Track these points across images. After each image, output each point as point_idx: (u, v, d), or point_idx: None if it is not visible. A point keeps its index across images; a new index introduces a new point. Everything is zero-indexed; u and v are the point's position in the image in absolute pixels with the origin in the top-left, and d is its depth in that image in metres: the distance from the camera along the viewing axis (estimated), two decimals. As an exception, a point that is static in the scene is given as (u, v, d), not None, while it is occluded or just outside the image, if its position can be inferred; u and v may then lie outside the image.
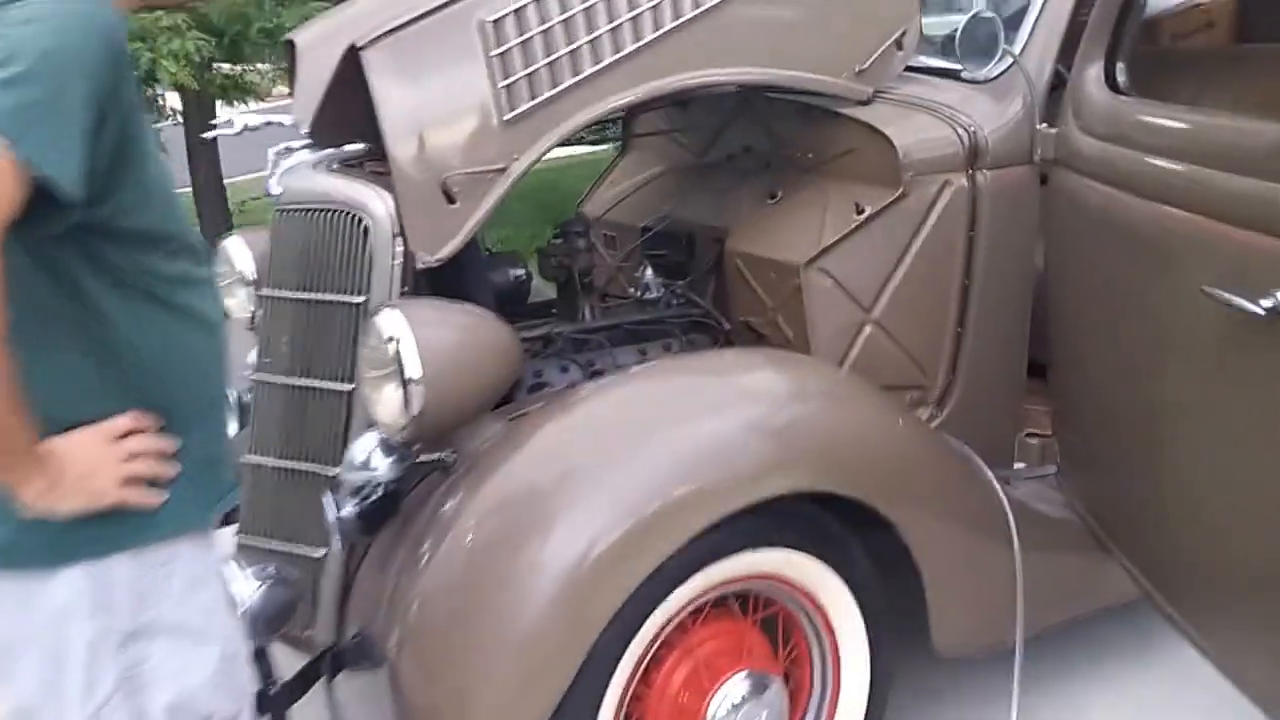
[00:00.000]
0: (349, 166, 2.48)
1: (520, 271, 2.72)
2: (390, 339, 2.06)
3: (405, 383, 2.04)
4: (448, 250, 2.30)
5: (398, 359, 2.05)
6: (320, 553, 2.38)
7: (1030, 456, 2.67)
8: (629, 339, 2.78)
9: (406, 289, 2.31)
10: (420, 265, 2.29)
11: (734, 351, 2.36)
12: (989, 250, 2.54)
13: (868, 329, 2.57)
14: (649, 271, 2.88)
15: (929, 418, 2.62)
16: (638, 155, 3.36)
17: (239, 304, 2.81)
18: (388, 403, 2.08)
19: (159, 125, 7.29)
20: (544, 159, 2.38)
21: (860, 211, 2.53)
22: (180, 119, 7.86)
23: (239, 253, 2.82)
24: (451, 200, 2.30)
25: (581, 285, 2.81)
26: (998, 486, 2.38)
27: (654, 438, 2.01)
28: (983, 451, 2.55)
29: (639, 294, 2.87)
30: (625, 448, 2.01)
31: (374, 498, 2.17)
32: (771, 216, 2.74)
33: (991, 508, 2.34)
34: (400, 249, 2.30)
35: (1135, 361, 2.23)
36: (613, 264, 3.19)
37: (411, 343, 2.05)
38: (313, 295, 2.41)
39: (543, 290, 3.11)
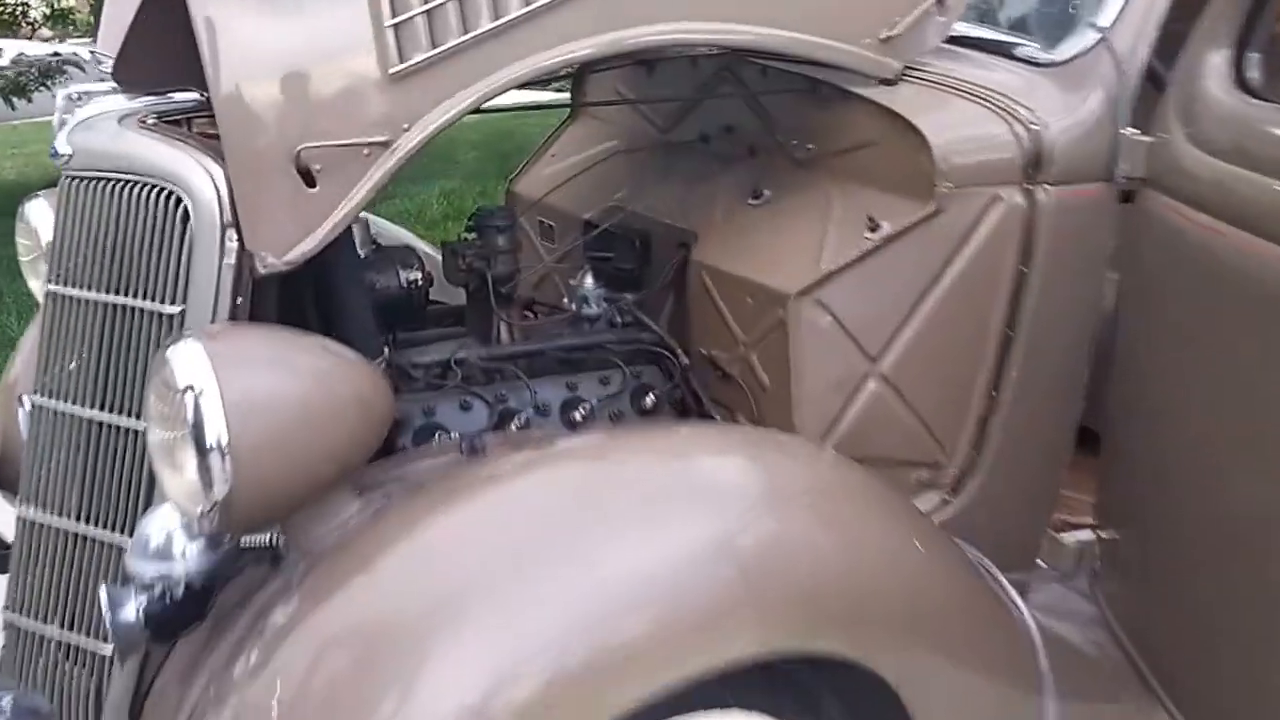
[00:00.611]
0: (169, 123, 1.79)
1: (414, 275, 2.04)
2: (186, 388, 1.38)
3: (205, 452, 1.37)
4: (301, 251, 1.63)
5: (195, 418, 1.37)
6: (109, 649, 1.74)
7: (1061, 559, 2.04)
8: (557, 367, 2.12)
9: (240, 301, 1.64)
10: (262, 271, 1.62)
11: (695, 429, 1.70)
12: (1044, 291, 1.90)
13: (871, 385, 1.93)
14: (589, 280, 2.21)
15: (938, 504, 1.98)
16: (588, 124, 2.68)
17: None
18: (182, 479, 1.41)
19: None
20: (500, 103, 1.76)
21: (874, 229, 1.88)
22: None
23: (44, 220, 2.12)
24: (310, 182, 1.64)
25: (498, 296, 2.13)
26: (1031, 623, 1.75)
27: (573, 558, 1.36)
28: (1000, 549, 1.93)
29: (575, 307, 2.20)
30: (531, 570, 1.36)
31: (172, 596, 1.51)
32: (754, 223, 2.08)
33: (1020, 654, 1.72)
34: (234, 245, 1.62)
35: (1231, 451, 1.67)
36: (548, 262, 2.52)
37: (216, 395, 1.38)
38: (111, 298, 1.73)
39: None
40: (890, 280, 1.90)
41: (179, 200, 1.66)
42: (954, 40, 2.04)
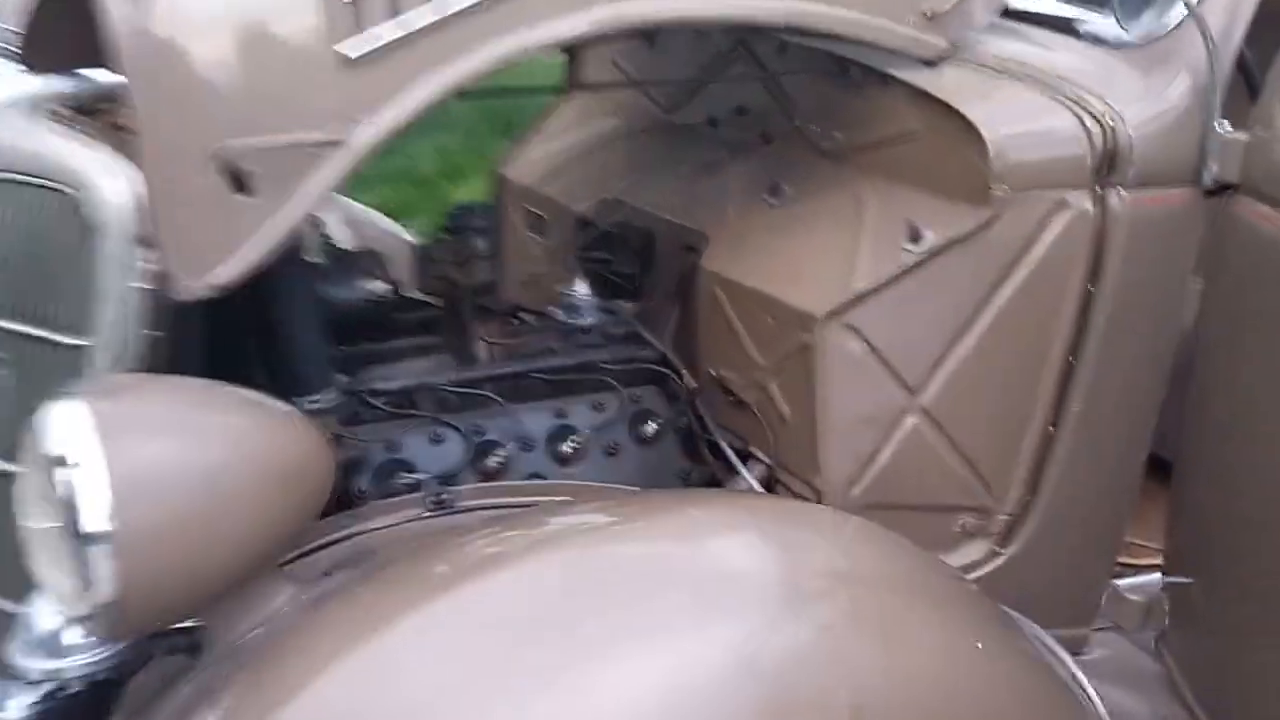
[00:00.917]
0: (79, 113, 1.51)
1: (380, 287, 1.75)
2: (61, 462, 1.10)
3: (83, 544, 1.10)
4: (228, 273, 1.35)
5: (72, 500, 1.10)
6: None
7: (1124, 613, 1.77)
8: (543, 391, 1.84)
9: (155, 333, 1.36)
10: (179, 297, 1.34)
11: (705, 505, 1.41)
12: (1115, 314, 1.62)
13: (910, 420, 1.65)
14: (581, 286, 1.92)
15: (986, 555, 1.71)
16: (583, 100, 2.38)
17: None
18: (59, 575, 1.14)
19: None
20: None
21: (916, 239, 1.60)
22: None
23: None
24: (241, 187, 1.35)
25: (478, 308, 1.85)
26: (1099, 707, 1.49)
27: (557, 679, 1.08)
28: (1056, 604, 1.67)
29: (564, 317, 1.92)
30: (503, 694, 1.08)
31: (63, 694, 1.25)
32: (772, 226, 1.80)
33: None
34: (146, 265, 1.35)
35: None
36: (537, 261, 2.23)
37: (99, 472, 1.10)
38: (10, 324, 1.44)
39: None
40: (933, 301, 1.61)
41: (79, 207, 1.38)
42: (1010, 15, 1.74)
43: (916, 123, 1.69)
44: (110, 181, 1.38)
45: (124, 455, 1.10)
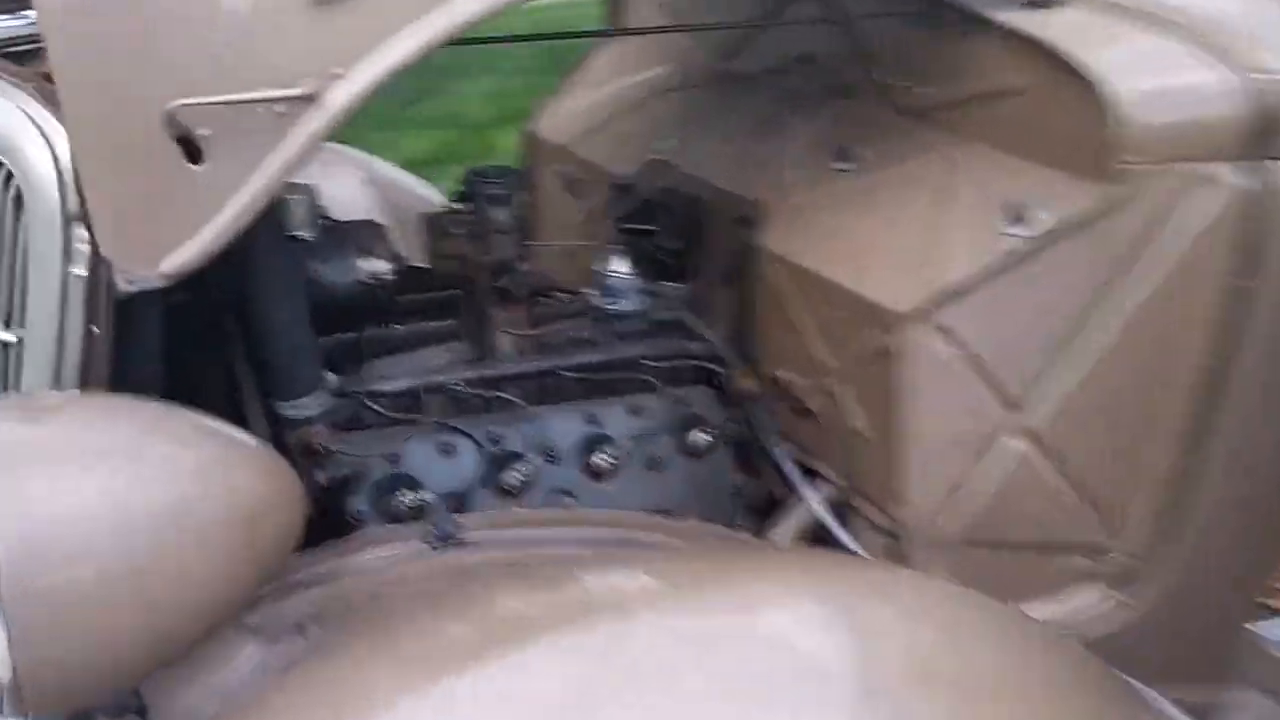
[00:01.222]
0: (5, 59, 1.27)
1: (381, 266, 1.49)
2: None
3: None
4: (182, 260, 1.11)
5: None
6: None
7: (1271, 674, 1.49)
8: (573, 390, 1.58)
9: (95, 329, 1.12)
10: (124, 287, 1.10)
11: (769, 566, 1.12)
12: (1276, 314, 1.32)
13: (1012, 442, 1.38)
14: (619, 263, 1.65)
15: (1102, 601, 1.44)
16: (627, 49, 2.09)
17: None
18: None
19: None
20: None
21: (1020, 220, 1.31)
22: None
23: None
24: (195, 156, 1.10)
25: (497, 291, 1.58)
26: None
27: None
28: (1187, 659, 1.39)
29: (600, 301, 1.65)
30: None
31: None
32: (842, 198, 1.52)
33: None
34: (84, 247, 1.10)
35: None
36: (572, 232, 1.96)
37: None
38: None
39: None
40: (1041, 298, 1.33)
41: (9, 178, 1.13)
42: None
43: (1021, 76, 1.39)
44: (38, 148, 1.13)
45: (31, 499, 0.86)
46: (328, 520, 1.43)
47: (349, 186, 2.45)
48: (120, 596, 0.94)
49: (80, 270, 1.12)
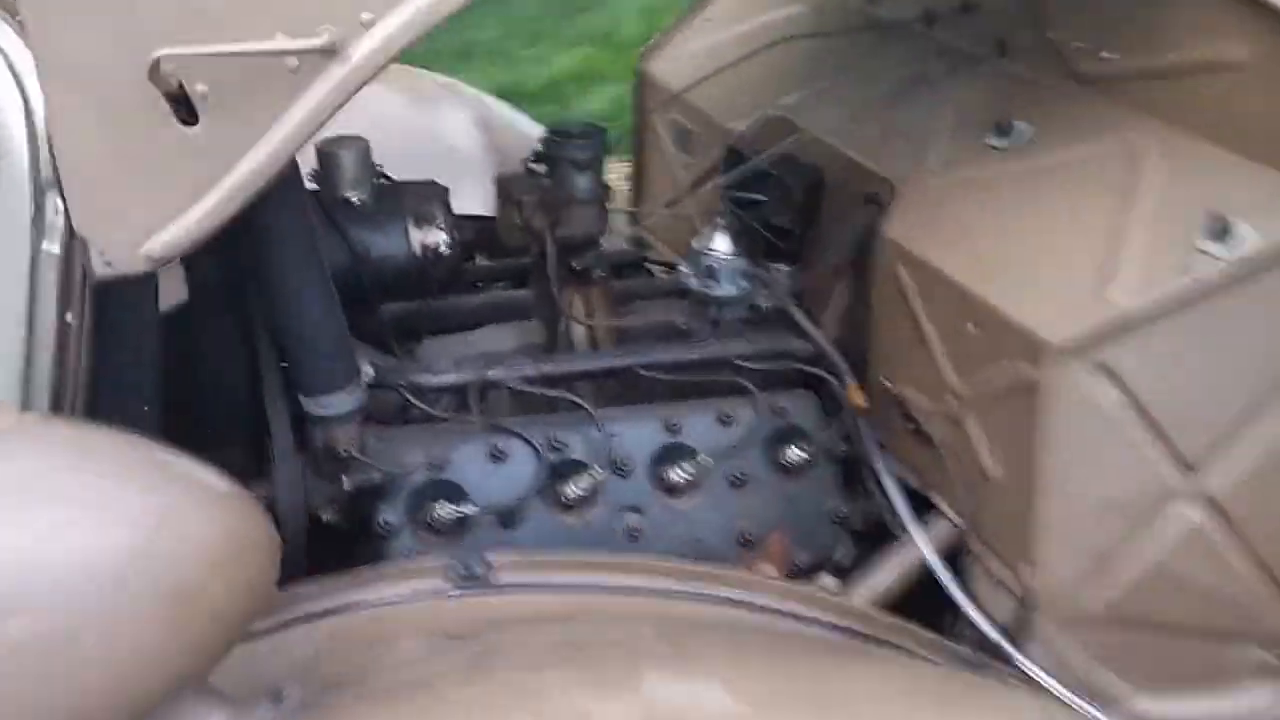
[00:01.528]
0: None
1: (439, 237, 1.28)
2: None
3: None
4: (173, 240, 0.92)
5: None
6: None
7: None
8: (653, 391, 1.35)
9: (70, 319, 0.94)
10: (102, 272, 0.91)
11: (872, 683, 0.87)
12: None
13: (1185, 510, 1.10)
14: (719, 240, 1.41)
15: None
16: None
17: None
18: None
19: None
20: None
21: (1223, 235, 1.02)
22: None
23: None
24: (190, 117, 0.90)
25: (573, 274, 1.36)
26: None
27: None
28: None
29: (693, 283, 1.41)
30: None
31: None
32: (994, 183, 1.25)
33: None
34: (59, 219, 0.92)
35: None
36: (680, 190, 1.72)
37: None
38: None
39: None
40: (1240, 338, 1.04)
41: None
42: None
43: (1242, 46, 1.10)
44: (9, 91, 0.94)
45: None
46: (355, 531, 1.25)
47: (458, 128, 2.25)
48: (56, 658, 0.76)
49: (54, 247, 0.93)
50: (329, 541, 1.27)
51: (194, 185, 0.92)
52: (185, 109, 0.91)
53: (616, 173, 2.18)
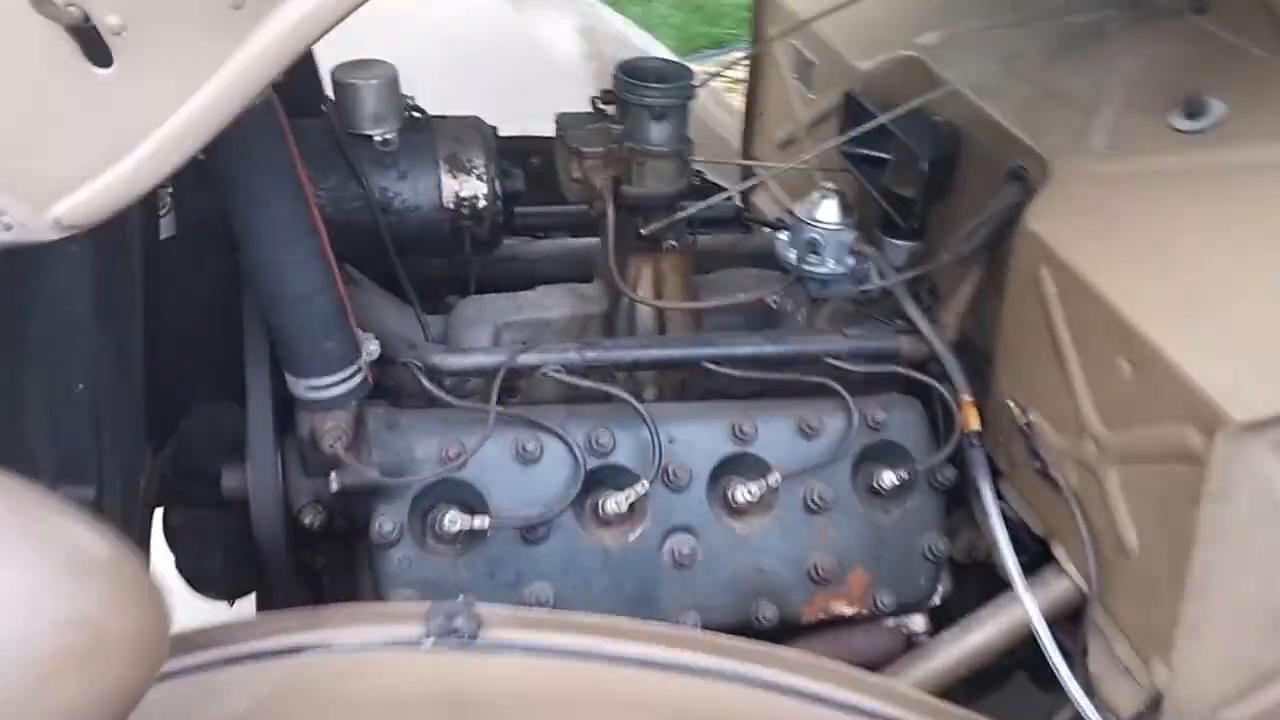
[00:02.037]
0: None
1: (475, 188, 1.07)
2: None
3: None
4: (85, 205, 0.73)
5: None
6: None
7: None
8: (722, 388, 1.14)
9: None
10: (1, 236, 0.73)
11: None
12: None
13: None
14: (826, 207, 1.17)
15: None
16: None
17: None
18: None
19: None
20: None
21: None
22: None
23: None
24: (103, 58, 0.70)
25: (644, 241, 1.14)
26: None
27: None
28: None
29: (793, 252, 1.18)
30: None
31: None
32: (1176, 182, 0.98)
33: None
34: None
35: None
36: (796, 128, 1.47)
37: None
38: None
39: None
40: None
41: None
42: None
43: None
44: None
45: None
46: (349, 536, 1.08)
47: (559, 33, 2.02)
48: None
49: None
50: (323, 544, 1.10)
51: (111, 140, 0.72)
52: (96, 46, 0.71)
53: (720, 105, 1.94)
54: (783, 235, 1.21)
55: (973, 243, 1.11)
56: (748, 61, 1.69)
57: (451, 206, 1.09)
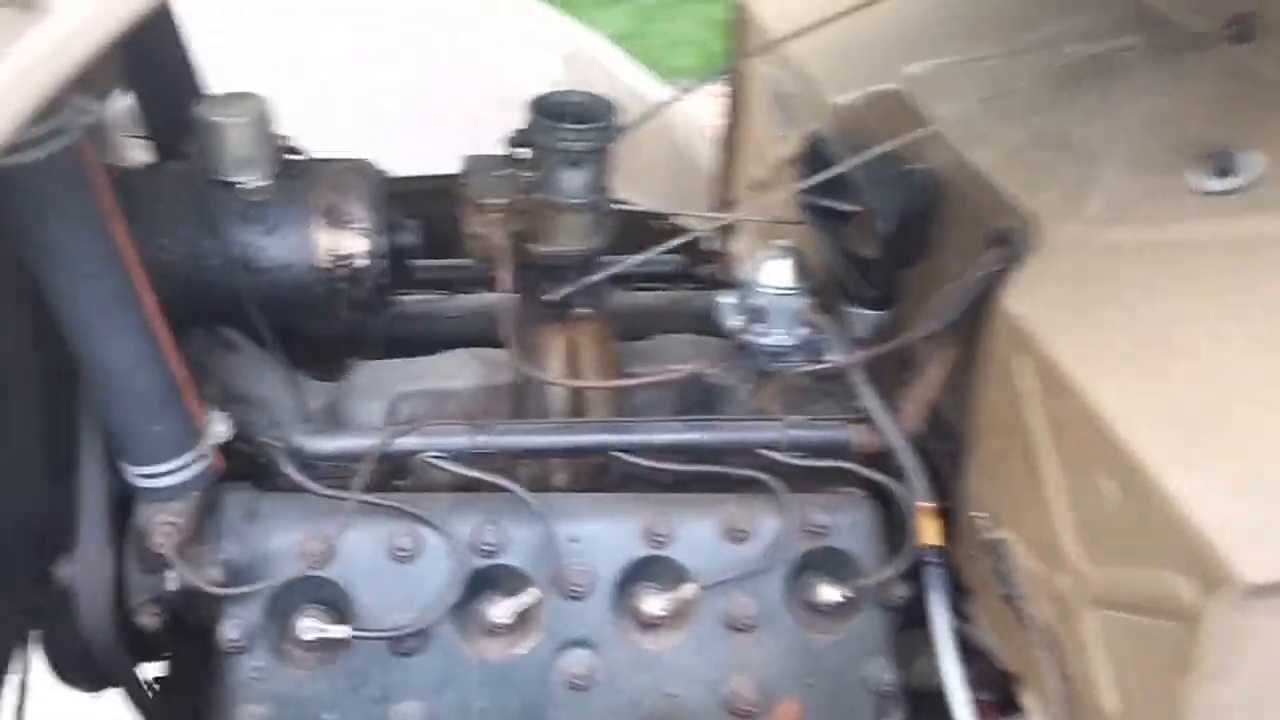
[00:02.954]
0: None
1: (354, 245, 0.92)
2: None
3: None
4: None
5: None
6: None
7: None
8: (643, 474, 0.96)
9: None
10: None
11: None
12: None
13: None
14: (775, 269, 1.01)
15: None
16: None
17: None
18: None
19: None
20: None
21: None
22: None
23: None
24: None
25: (553, 309, 0.97)
26: None
27: None
28: None
29: (738, 318, 1.01)
30: None
31: None
32: (1193, 259, 0.81)
33: None
34: None
35: None
36: (770, 168, 1.30)
37: None
38: None
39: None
40: None
41: None
42: None
43: None
44: None
45: None
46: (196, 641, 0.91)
47: (542, 63, 1.86)
48: None
49: None
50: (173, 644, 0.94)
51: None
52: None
53: (698, 134, 1.76)
54: (728, 297, 1.04)
55: (943, 318, 0.93)
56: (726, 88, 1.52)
57: (326, 265, 0.93)
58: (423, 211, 1.01)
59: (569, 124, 0.90)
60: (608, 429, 0.95)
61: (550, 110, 0.92)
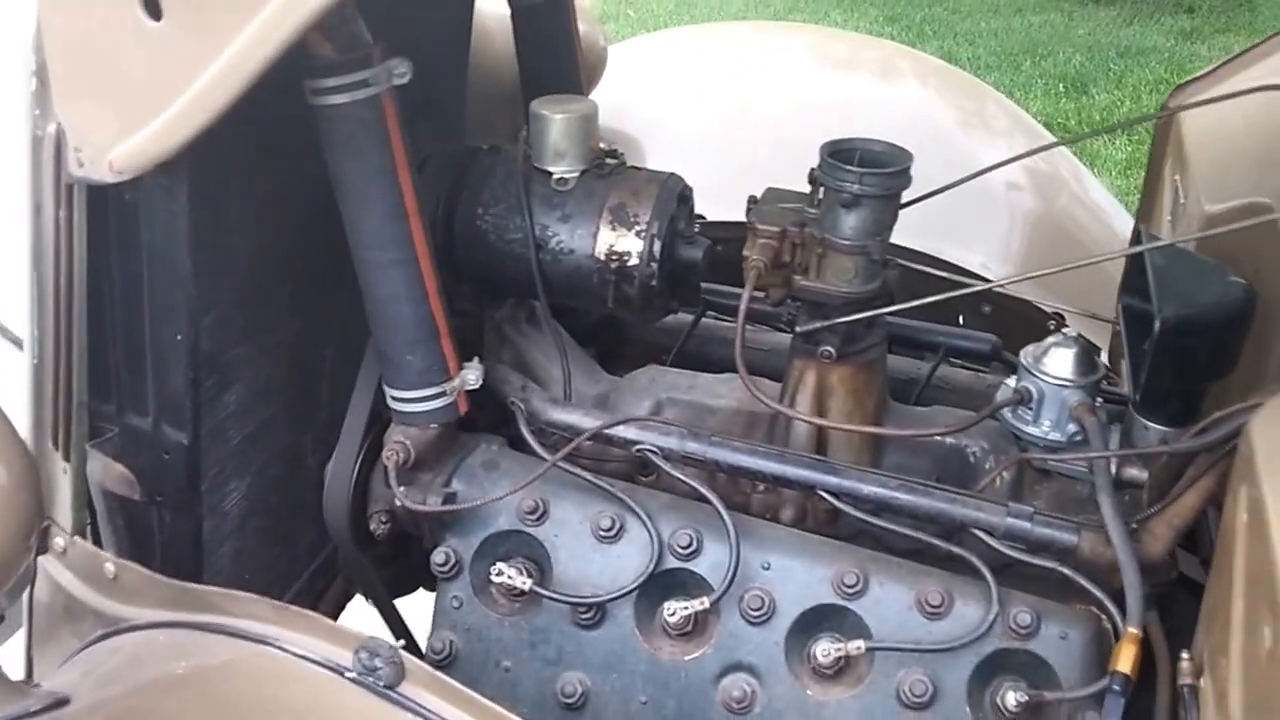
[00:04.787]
0: None
1: (629, 246, 1.01)
2: None
3: None
4: (134, 154, 0.81)
5: None
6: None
7: None
8: (889, 537, 0.96)
9: (64, 214, 0.86)
10: (75, 174, 0.81)
11: None
12: None
13: None
14: (1055, 357, 0.98)
15: None
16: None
17: None
18: None
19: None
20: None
21: None
22: None
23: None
24: (155, 10, 0.76)
25: (805, 340, 1.01)
26: None
27: None
28: None
29: (1007, 401, 0.99)
30: None
31: None
32: None
33: None
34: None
35: None
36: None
37: None
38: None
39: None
40: None
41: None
42: None
43: None
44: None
45: None
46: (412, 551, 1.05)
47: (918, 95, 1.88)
48: None
49: (45, 129, 0.83)
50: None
51: (159, 89, 0.75)
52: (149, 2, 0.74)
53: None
54: (1012, 381, 1.01)
55: (1200, 440, 0.85)
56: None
57: (602, 258, 1.03)
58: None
59: (852, 166, 0.93)
60: (815, 467, 0.95)
61: (840, 154, 0.96)
